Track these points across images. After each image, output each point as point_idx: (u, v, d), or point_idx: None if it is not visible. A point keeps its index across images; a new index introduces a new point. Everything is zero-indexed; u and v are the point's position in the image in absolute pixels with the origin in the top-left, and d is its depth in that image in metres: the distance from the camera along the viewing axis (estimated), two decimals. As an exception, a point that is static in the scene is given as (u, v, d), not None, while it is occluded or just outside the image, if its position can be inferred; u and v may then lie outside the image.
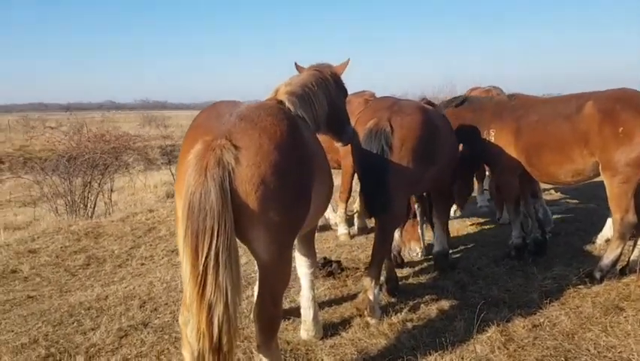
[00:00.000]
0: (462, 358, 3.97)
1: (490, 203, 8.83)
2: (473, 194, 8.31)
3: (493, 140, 6.15)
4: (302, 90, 4.05)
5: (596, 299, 4.99)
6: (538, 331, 4.43)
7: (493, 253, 6.53)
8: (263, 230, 3.13)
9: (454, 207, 7.53)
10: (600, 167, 5.40)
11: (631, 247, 5.66)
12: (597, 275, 5.39)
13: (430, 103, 6.22)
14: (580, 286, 5.28)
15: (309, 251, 4.42)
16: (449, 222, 6.58)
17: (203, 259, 2.87)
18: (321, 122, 4.34)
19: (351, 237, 7.50)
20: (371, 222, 7.92)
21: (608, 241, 6.60)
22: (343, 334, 4.48)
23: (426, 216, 6.52)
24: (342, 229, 7.50)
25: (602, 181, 5.89)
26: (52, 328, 4.80)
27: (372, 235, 7.22)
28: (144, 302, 5.32)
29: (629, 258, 5.63)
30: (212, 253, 2.87)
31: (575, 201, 9.73)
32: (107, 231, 8.21)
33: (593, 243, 6.77)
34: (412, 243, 6.38)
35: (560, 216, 8.45)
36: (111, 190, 12.20)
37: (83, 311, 5.15)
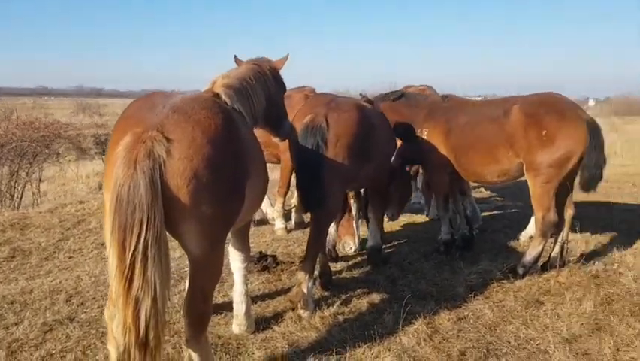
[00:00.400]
0: (389, 350, 4.08)
1: (422, 200, 9.09)
2: None
3: (425, 138, 6.33)
4: (239, 84, 4.02)
5: (517, 293, 5.25)
6: (462, 323, 4.62)
7: (424, 249, 6.74)
8: (194, 224, 3.10)
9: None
10: (524, 168, 5.67)
11: (552, 244, 5.97)
12: (520, 271, 5.67)
13: (368, 100, 6.32)
14: (503, 281, 5.54)
15: (243, 246, 4.41)
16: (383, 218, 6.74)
17: (131, 253, 2.81)
18: (259, 116, 4.33)
19: (288, 231, 7.53)
20: (308, 217, 8.01)
21: (531, 238, 6.94)
22: (275, 328, 4.52)
23: (362, 212, 6.64)
24: (279, 224, 7.53)
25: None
26: (-27, 324, 4.58)
27: (309, 230, 7.33)
28: (71, 296, 5.16)
29: (550, 254, 5.94)
30: (141, 246, 2.82)
31: (503, 199, 10.17)
32: (34, 222, 7.87)
33: (518, 240, 7.12)
34: (347, 237, 6.52)
35: (488, 213, 8.80)
36: (39, 180, 11.71)
37: (5, 305, 4.93)
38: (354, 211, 6.59)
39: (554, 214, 5.60)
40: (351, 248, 6.50)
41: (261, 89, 4.31)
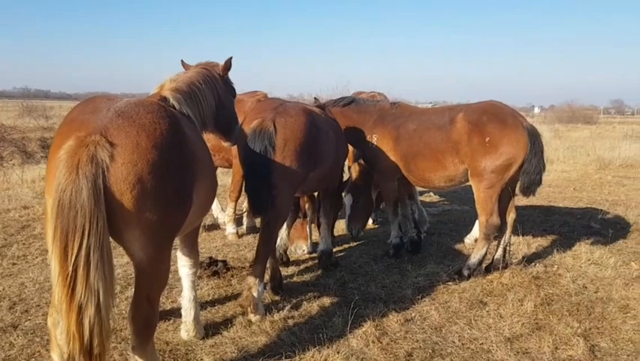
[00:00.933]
0: (338, 352, 4.12)
1: None
2: None
3: (375, 144, 6.44)
4: (188, 87, 4.00)
5: (462, 295, 5.41)
6: (409, 325, 4.72)
7: (373, 252, 6.87)
8: (139, 231, 3.06)
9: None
10: (469, 173, 5.85)
11: (495, 247, 6.17)
12: (465, 273, 5.84)
13: (320, 105, 6.38)
14: (449, 283, 5.69)
15: (192, 251, 4.37)
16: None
17: (73, 259, 2.76)
18: (208, 120, 4.30)
19: (240, 236, 7.51)
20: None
21: (476, 240, 7.15)
22: (225, 333, 4.50)
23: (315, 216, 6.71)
24: (230, 228, 7.50)
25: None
26: None
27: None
28: (14, 303, 5.00)
29: (494, 257, 6.14)
30: (83, 253, 2.77)
31: (449, 203, 10.41)
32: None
33: (463, 243, 7.32)
34: (300, 240, 6.60)
35: (435, 217, 9.01)
36: (-18, 184, 11.30)
37: (-56, 314, 4.76)
38: (308, 215, 6.66)
39: (497, 218, 5.79)
40: (304, 251, 6.57)
41: (211, 93, 4.30)
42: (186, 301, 4.35)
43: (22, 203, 9.24)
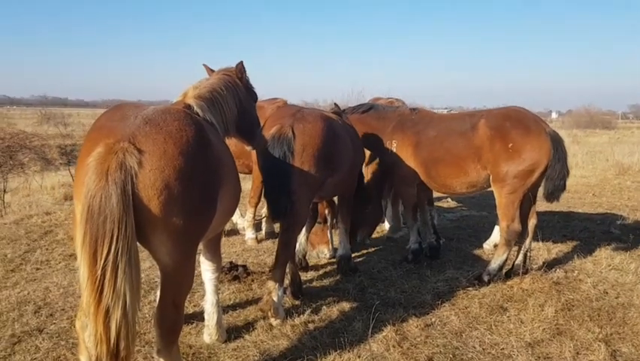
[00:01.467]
0: (359, 356, 4.16)
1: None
2: None
3: (395, 150, 6.47)
4: (210, 94, 4.07)
5: (482, 300, 5.40)
6: (429, 330, 4.73)
7: (392, 257, 6.88)
8: (166, 236, 3.11)
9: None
10: (491, 179, 5.84)
11: (516, 253, 6.15)
12: (485, 278, 5.82)
13: (337, 112, 6.41)
14: (469, 288, 5.69)
15: (215, 256, 4.44)
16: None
17: (102, 264, 2.82)
18: (231, 126, 4.37)
19: (259, 241, 7.57)
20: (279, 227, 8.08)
21: (495, 246, 7.14)
22: (246, 336, 4.55)
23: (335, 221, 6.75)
24: (249, 234, 7.57)
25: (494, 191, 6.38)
26: (-63, 335, 4.49)
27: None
28: (39, 308, 5.09)
29: (514, 262, 6.12)
30: (111, 257, 2.82)
31: (468, 209, 10.39)
32: (4, 234, 7.76)
33: (482, 248, 7.31)
34: (321, 246, 6.67)
35: (453, 223, 9.01)
36: (4, 191, 11.50)
37: (-28, 318, 4.87)
38: (328, 221, 6.71)
39: (518, 224, 5.77)
40: (325, 256, 6.63)
41: (232, 99, 4.37)
42: (209, 305, 4.41)
43: (44, 209, 9.42)
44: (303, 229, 5.99)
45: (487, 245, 7.32)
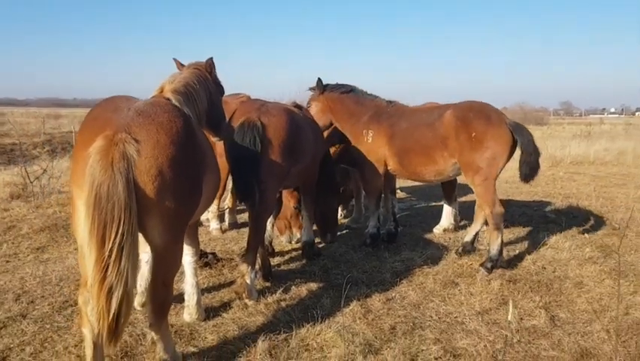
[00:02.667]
0: (330, 327, 4.55)
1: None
2: None
3: (369, 140, 6.89)
4: (185, 88, 4.34)
5: (436, 277, 5.95)
6: (391, 303, 5.21)
7: (352, 242, 7.37)
8: (159, 219, 3.38)
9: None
10: (461, 169, 6.31)
11: (467, 234, 6.75)
12: (489, 265, 6.07)
13: (298, 106, 6.77)
14: (424, 266, 6.24)
15: (193, 241, 4.73)
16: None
17: (109, 246, 3.07)
18: (202, 118, 4.65)
19: (223, 232, 7.88)
20: (241, 218, 8.43)
21: (445, 230, 7.76)
22: (224, 315, 4.89)
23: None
24: (214, 224, 7.86)
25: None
26: None
27: (242, 230, 7.74)
28: (19, 296, 5.24)
29: (463, 241, 6.69)
30: (118, 240, 3.08)
31: (417, 200, 11.04)
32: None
33: (432, 232, 7.90)
34: (295, 229, 7.11)
35: (404, 211, 9.60)
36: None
37: (-48, 307, 4.98)
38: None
39: (500, 207, 6.14)
40: (298, 239, 7.02)
41: (204, 92, 4.65)
42: (189, 287, 4.71)
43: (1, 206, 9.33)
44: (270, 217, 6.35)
45: (437, 230, 7.92)
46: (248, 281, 5.20)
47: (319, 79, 7.16)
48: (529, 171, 6.18)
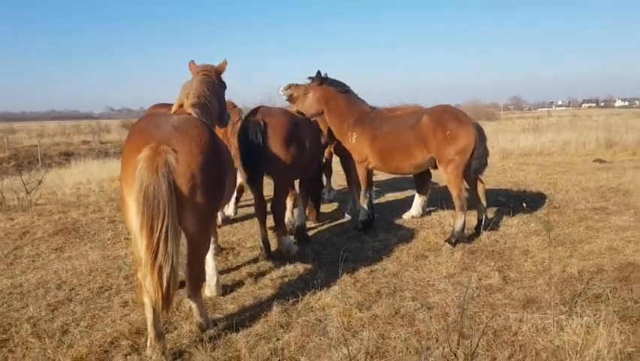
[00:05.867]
0: (327, 293, 5.59)
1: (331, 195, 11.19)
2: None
3: (354, 141, 7.96)
4: (200, 100, 5.17)
5: (409, 251, 7.09)
6: (374, 274, 6.30)
7: (334, 230, 8.47)
8: (192, 212, 4.18)
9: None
10: (437, 161, 7.49)
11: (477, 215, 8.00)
12: (453, 240, 7.32)
13: (301, 113, 7.84)
14: (398, 244, 7.37)
15: (213, 231, 5.73)
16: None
17: (157, 234, 3.83)
18: (215, 119, 5.56)
19: (219, 226, 8.82)
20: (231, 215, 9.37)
21: (413, 217, 8.94)
22: (239, 290, 5.87)
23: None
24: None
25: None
26: (-17, 310, 5.39)
27: (235, 224, 8.70)
28: (59, 285, 6.09)
29: (480, 221, 7.94)
30: (164, 229, 3.84)
31: (386, 191, 12.21)
32: (-26, 238, 8.41)
33: (402, 218, 9.10)
34: (289, 214, 8.18)
35: (377, 201, 10.76)
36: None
37: (6, 296, 5.80)
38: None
39: (465, 191, 7.44)
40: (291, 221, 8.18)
41: (215, 97, 5.50)
42: (209, 269, 5.61)
43: (7, 215, 10.01)
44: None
45: (406, 215, 9.11)
46: (285, 243, 6.83)
47: (318, 71, 8.08)
48: (479, 166, 7.46)
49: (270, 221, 7.08)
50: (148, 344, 4.31)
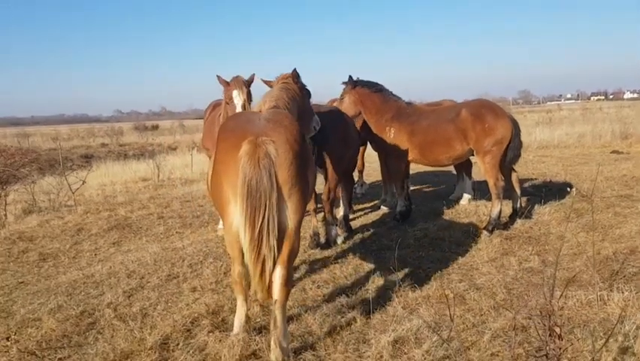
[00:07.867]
0: (378, 271, 6.09)
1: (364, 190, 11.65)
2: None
3: (392, 136, 8.36)
4: (278, 104, 5.13)
5: (450, 239, 7.49)
6: (420, 259, 6.74)
7: (374, 221, 8.91)
8: (291, 202, 4.00)
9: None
10: (475, 152, 7.92)
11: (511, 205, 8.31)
12: (490, 227, 7.67)
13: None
14: (438, 233, 7.77)
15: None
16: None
17: (259, 226, 3.77)
18: None
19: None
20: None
21: (469, 200, 9.63)
22: (296, 274, 6.30)
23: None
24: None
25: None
26: (66, 298, 5.82)
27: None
28: (129, 275, 6.50)
29: (514, 209, 8.25)
30: (265, 221, 3.78)
31: (415, 184, 12.61)
32: (37, 234, 8.83)
33: (438, 208, 9.52)
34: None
35: (414, 193, 11.15)
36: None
37: (82, 285, 6.23)
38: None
39: (502, 181, 7.86)
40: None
41: (294, 104, 5.55)
42: None
43: (54, 215, 10.47)
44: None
45: (463, 201, 9.82)
46: (332, 233, 7.33)
47: (350, 76, 8.51)
48: (514, 157, 7.93)
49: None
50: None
